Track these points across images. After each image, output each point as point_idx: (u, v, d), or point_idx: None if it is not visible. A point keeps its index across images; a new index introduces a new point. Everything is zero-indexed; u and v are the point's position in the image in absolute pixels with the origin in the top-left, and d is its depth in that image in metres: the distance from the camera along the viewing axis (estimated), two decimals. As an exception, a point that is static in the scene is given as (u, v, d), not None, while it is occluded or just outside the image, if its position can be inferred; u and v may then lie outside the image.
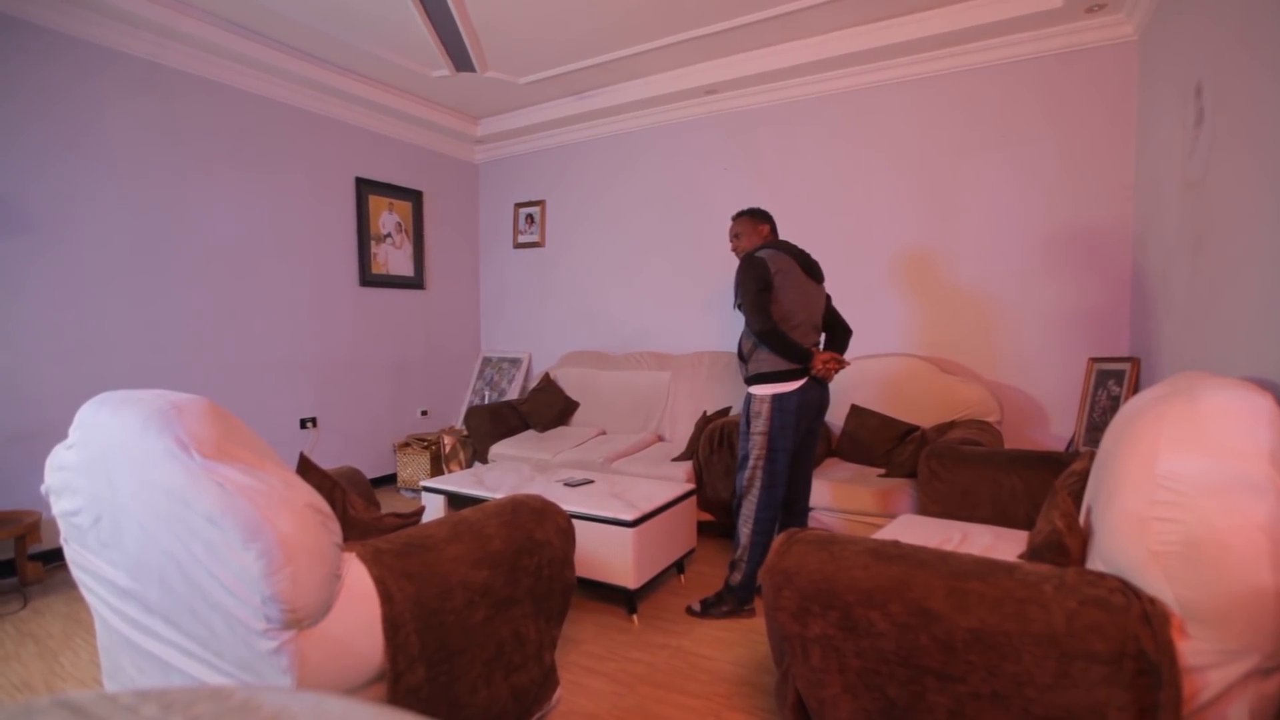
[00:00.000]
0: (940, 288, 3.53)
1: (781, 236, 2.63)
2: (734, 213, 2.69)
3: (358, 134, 4.35)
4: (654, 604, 2.58)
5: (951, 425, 3.08)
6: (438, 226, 4.97)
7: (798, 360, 2.36)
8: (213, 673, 1.27)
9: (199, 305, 3.52)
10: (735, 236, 2.64)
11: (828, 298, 2.62)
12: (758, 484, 2.42)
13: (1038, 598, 1.16)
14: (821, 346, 2.60)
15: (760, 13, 3.24)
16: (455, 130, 4.81)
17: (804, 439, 2.53)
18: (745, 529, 2.44)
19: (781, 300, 2.38)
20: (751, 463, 2.42)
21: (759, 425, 2.41)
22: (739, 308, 2.45)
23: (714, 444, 3.15)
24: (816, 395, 2.48)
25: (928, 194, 3.54)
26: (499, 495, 2.34)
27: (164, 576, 1.25)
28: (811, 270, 2.53)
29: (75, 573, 1.49)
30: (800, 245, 2.56)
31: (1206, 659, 1.05)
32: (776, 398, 2.38)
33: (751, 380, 2.46)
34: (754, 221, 2.61)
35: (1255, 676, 1.05)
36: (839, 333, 2.64)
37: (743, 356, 2.50)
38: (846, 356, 2.55)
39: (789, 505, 2.58)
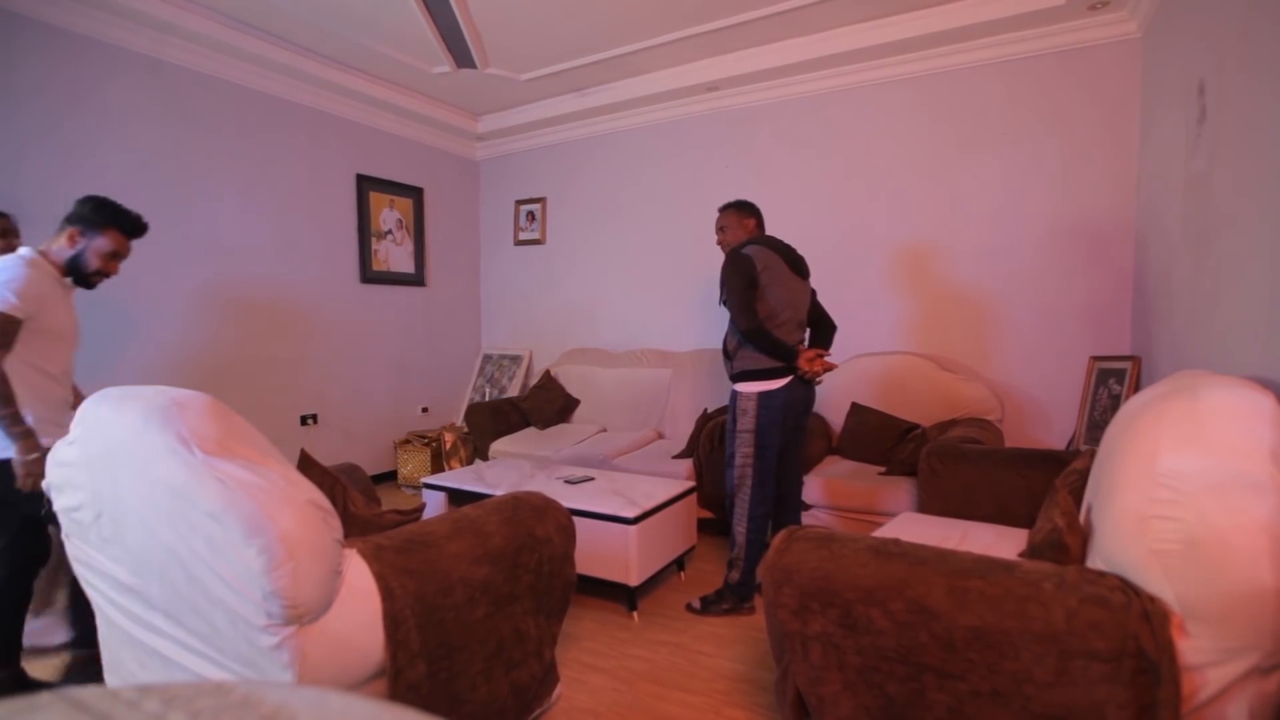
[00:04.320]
0: (941, 285, 3.52)
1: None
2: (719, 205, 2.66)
3: (358, 130, 4.35)
4: (654, 601, 2.58)
5: (952, 423, 3.08)
6: (438, 223, 4.97)
7: (783, 359, 2.36)
8: (214, 668, 1.27)
9: (200, 301, 3.52)
10: (721, 230, 2.61)
11: (813, 292, 2.61)
12: (749, 482, 2.42)
13: (1038, 596, 1.16)
14: (806, 342, 2.60)
15: (761, 10, 3.23)
16: (456, 127, 4.80)
17: (791, 435, 2.52)
18: (740, 528, 2.44)
19: (767, 298, 2.37)
20: (740, 461, 2.42)
21: (745, 423, 2.41)
22: (724, 304, 2.44)
23: (714, 441, 3.15)
24: (802, 393, 2.48)
25: (930, 191, 3.53)
26: (499, 492, 2.34)
27: (165, 572, 1.25)
28: (797, 266, 2.51)
29: (77, 568, 1.49)
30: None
31: (1206, 657, 1.05)
32: (762, 395, 2.38)
33: (737, 378, 2.45)
34: (740, 215, 2.58)
35: (1255, 675, 1.05)
36: (824, 328, 2.63)
37: (728, 354, 2.50)
38: (832, 356, 2.52)
39: (781, 502, 2.58)
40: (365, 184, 4.39)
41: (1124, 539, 1.15)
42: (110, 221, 2.03)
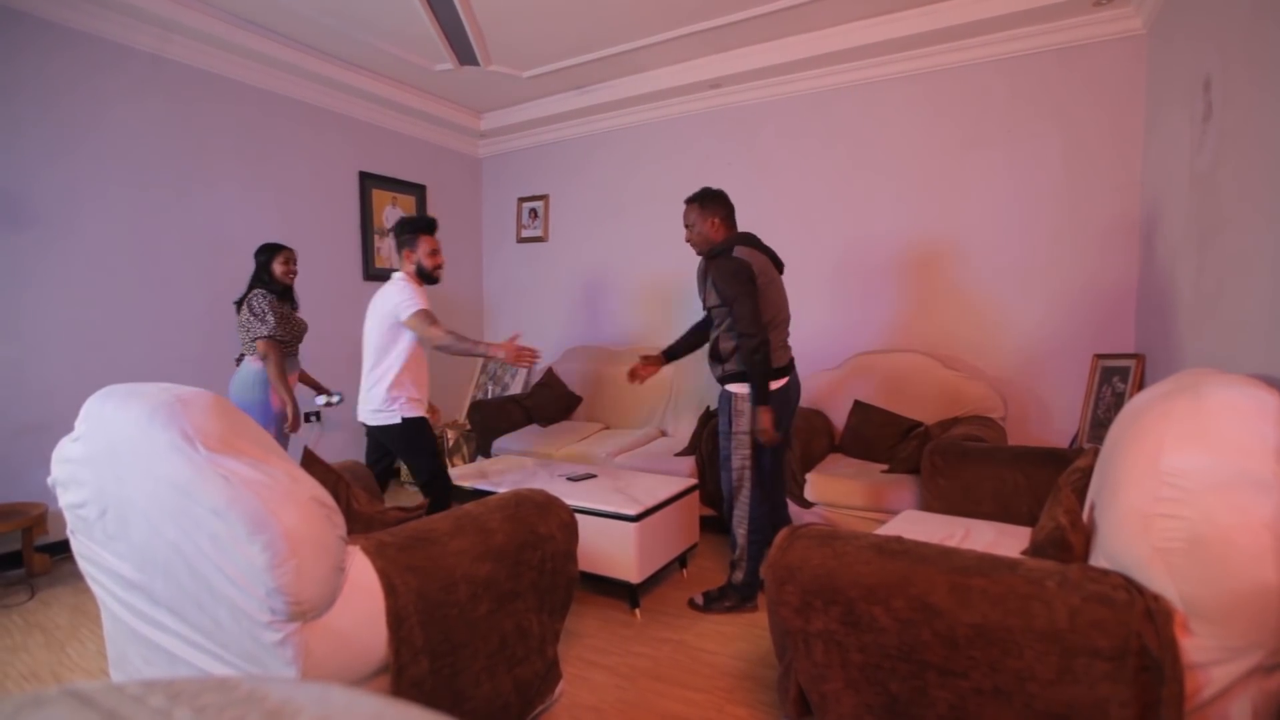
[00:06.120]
0: (944, 283, 3.51)
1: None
2: (686, 198, 2.55)
3: (361, 128, 4.35)
4: (656, 598, 2.58)
5: (955, 421, 3.08)
6: (441, 220, 4.90)
7: (766, 375, 2.33)
8: (218, 664, 1.28)
9: (204, 298, 3.53)
10: (688, 226, 2.49)
11: None
12: (748, 483, 2.41)
13: (1040, 594, 1.15)
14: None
15: (763, 6, 3.22)
16: (458, 124, 4.80)
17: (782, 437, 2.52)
18: (740, 529, 2.44)
19: (766, 303, 2.36)
20: (738, 464, 2.42)
21: (741, 424, 2.40)
22: (719, 308, 2.38)
23: (717, 439, 3.15)
24: (795, 395, 2.48)
25: (933, 188, 3.52)
26: (502, 489, 2.35)
27: (170, 569, 1.26)
28: (779, 263, 2.52)
29: (82, 564, 1.50)
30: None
31: (1209, 656, 1.05)
32: None
33: (729, 379, 2.44)
34: (703, 210, 2.46)
35: (1258, 673, 1.05)
36: None
37: (720, 357, 2.46)
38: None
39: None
40: (368, 181, 4.39)
41: (1128, 537, 1.15)
42: (417, 231, 2.64)
